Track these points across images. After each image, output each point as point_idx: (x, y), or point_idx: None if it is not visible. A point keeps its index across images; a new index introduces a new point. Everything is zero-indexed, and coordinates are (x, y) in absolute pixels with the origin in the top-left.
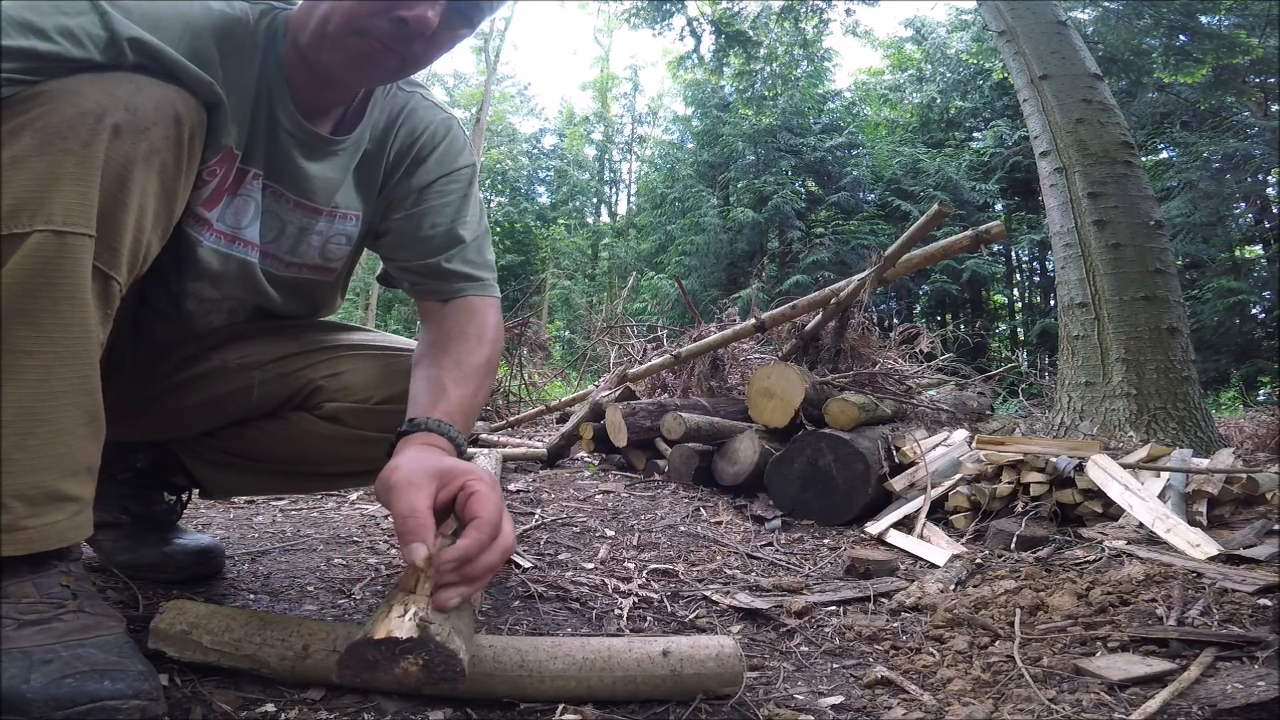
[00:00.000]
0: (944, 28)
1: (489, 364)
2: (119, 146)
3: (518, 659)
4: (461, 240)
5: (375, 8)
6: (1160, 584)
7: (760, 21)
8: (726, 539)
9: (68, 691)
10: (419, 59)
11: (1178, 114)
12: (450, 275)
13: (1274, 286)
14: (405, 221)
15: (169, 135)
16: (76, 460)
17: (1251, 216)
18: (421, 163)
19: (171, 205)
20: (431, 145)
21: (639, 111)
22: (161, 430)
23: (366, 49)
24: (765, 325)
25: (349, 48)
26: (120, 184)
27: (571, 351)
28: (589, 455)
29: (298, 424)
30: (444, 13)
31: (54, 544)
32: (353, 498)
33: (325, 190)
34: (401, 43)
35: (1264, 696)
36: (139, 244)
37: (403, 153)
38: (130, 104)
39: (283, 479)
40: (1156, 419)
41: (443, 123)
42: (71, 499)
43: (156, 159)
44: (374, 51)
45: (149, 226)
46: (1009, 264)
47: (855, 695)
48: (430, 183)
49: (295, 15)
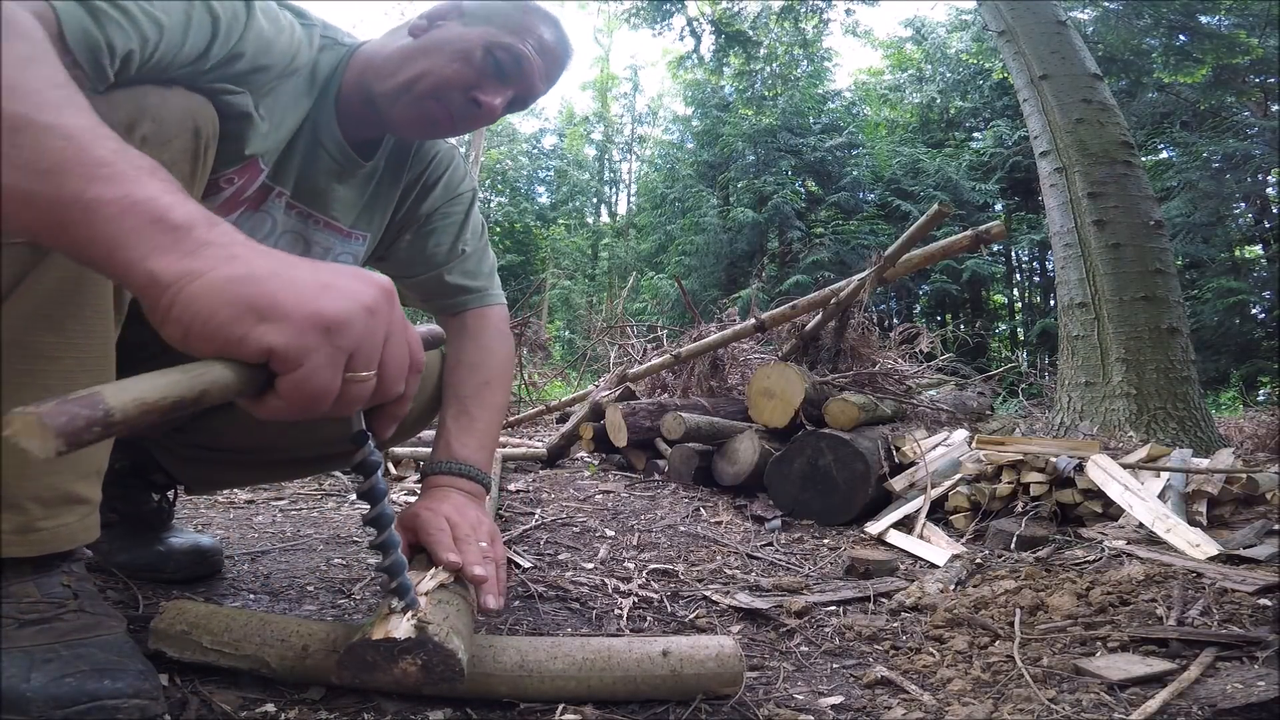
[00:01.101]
0: (944, 28)
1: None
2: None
3: (517, 659)
4: (461, 254)
5: (463, 83)
6: (1160, 584)
7: (760, 21)
8: (726, 539)
9: (68, 690)
10: (466, 131)
11: (1178, 114)
12: (452, 289)
13: (1274, 286)
14: (413, 242)
15: (187, 147)
16: (89, 463)
17: (1251, 216)
18: (430, 190)
19: None
20: (438, 174)
21: (639, 111)
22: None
23: (437, 115)
24: (765, 325)
25: (424, 109)
26: None
27: (571, 351)
28: (589, 455)
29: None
30: (507, 101)
31: (65, 545)
32: (352, 498)
33: (348, 212)
34: (466, 119)
35: (1264, 696)
36: None
37: (414, 180)
38: (157, 115)
39: (258, 469)
40: (1156, 419)
41: (447, 152)
42: (83, 501)
43: (174, 171)
44: (441, 119)
45: None
46: (1009, 264)
47: (855, 695)
48: (437, 208)
49: (368, 56)
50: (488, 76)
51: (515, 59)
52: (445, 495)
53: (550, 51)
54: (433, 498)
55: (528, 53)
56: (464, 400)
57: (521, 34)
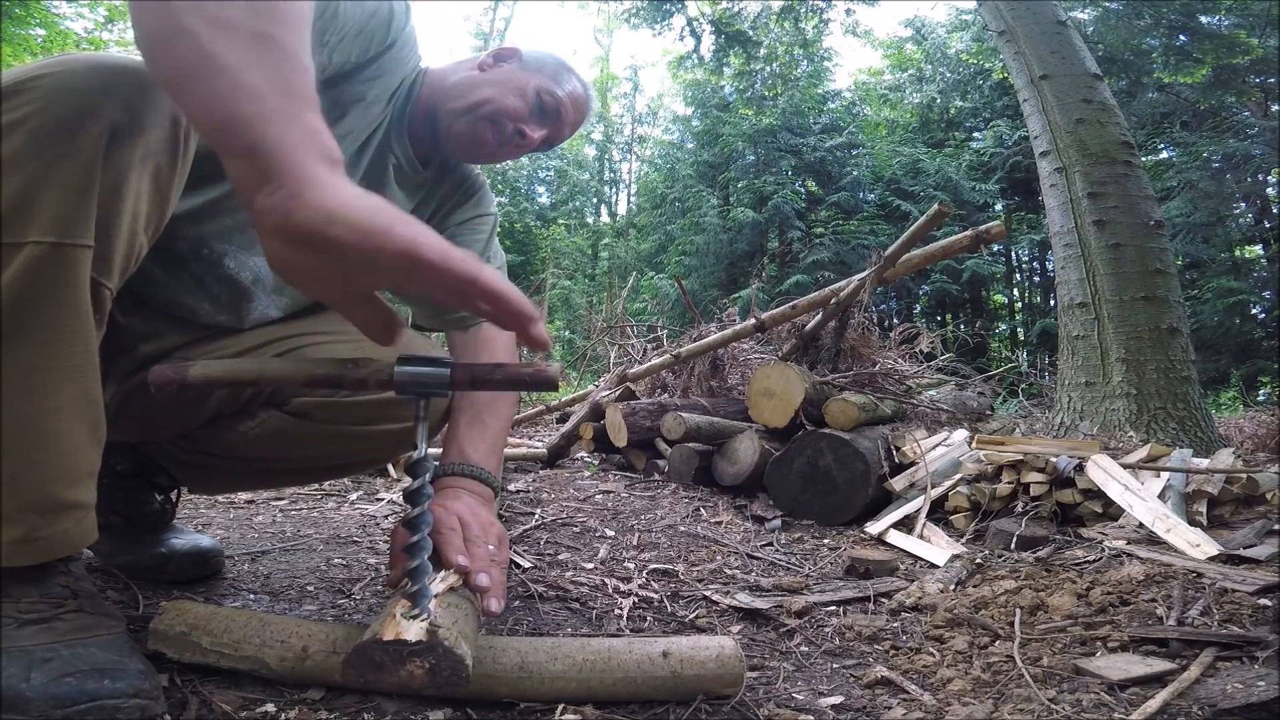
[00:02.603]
0: (944, 28)
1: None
2: (116, 152)
3: (518, 660)
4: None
5: (516, 115)
6: (1160, 584)
7: (760, 21)
8: (726, 539)
9: (68, 690)
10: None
11: (1178, 114)
12: None
13: (1274, 286)
14: None
15: (165, 137)
16: (81, 468)
17: (1251, 216)
18: (462, 204)
19: (164, 208)
20: (471, 191)
21: (639, 111)
22: (131, 433)
23: (486, 137)
24: (765, 325)
25: (479, 131)
26: (116, 191)
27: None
28: (589, 455)
29: (268, 422)
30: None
31: (65, 551)
32: (352, 498)
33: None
34: (507, 146)
35: (1264, 696)
36: (131, 249)
37: (450, 193)
38: (129, 103)
39: (265, 476)
40: (1156, 419)
41: (479, 175)
42: (78, 506)
43: (151, 162)
44: (489, 142)
45: (141, 231)
46: (1009, 264)
47: (855, 695)
48: (466, 219)
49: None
50: (534, 114)
51: (555, 103)
52: (458, 495)
53: (579, 104)
54: (446, 496)
55: (564, 100)
56: (478, 408)
57: (561, 84)
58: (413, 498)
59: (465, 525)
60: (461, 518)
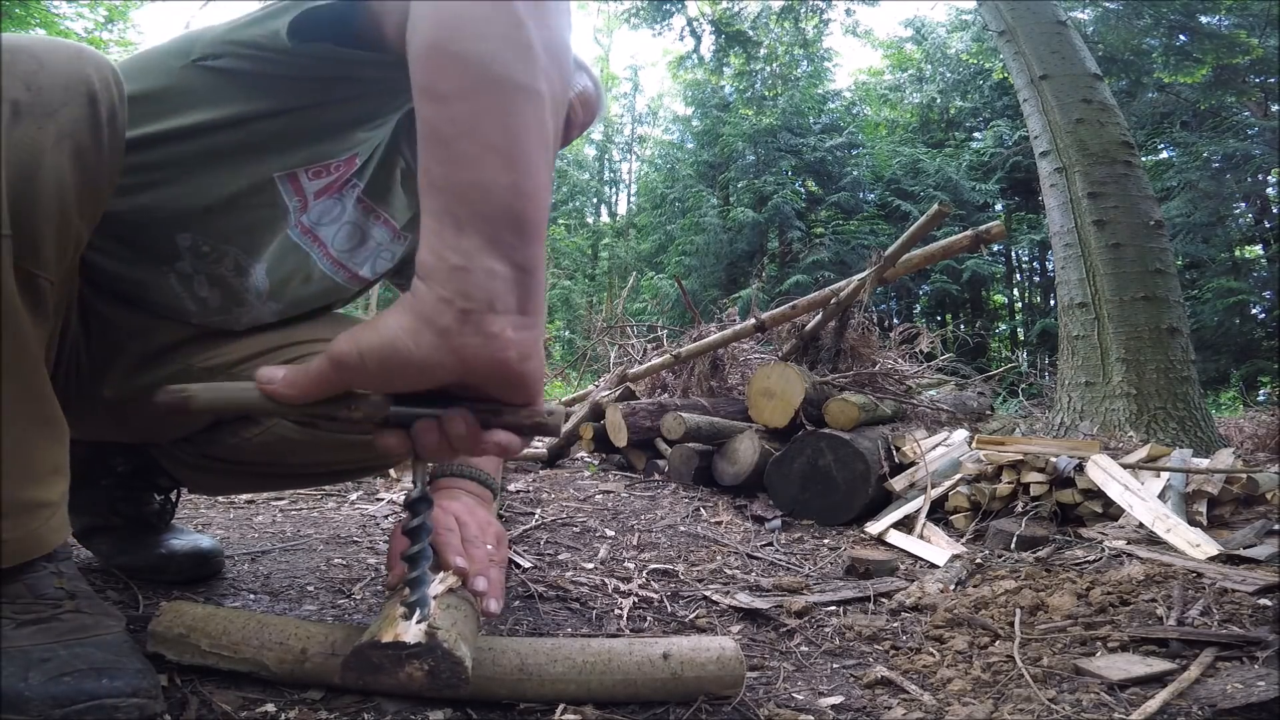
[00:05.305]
0: (944, 28)
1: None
2: (22, 131)
3: (517, 661)
4: None
5: None
6: (1160, 584)
7: (760, 21)
8: (726, 539)
9: (66, 690)
10: None
11: (1178, 114)
12: None
13: (1274, 286)
14: None
15: (81, 116)
16: (40, 467)
17: (1251, 216)
18: None
19: (98, 191)
20: None
21: (639, 111)
22: (132, 435)
23: None
24: (765, 325)
25: None
26: (29, 174)
27: (571, 351)
28: (589, 455)
29: (272, 428)
30: None
31: (36, 552)
32: (352, 498)
33: (402, 215)
34: None
35: (1264, 696)
36: (66, 236)
37: None
38: (32, 82)
39: (267, 479)
40: (1156, 419)
41: None
42: (44, 504)
43: (69, 143)
44: None
45: (75, 215)
46: (1009, 264)
47: (855, 695)
48: None
49: None
50: None
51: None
52: (455, 495)
53: (589, 104)
54: (443, 496)
55: (573, 102)
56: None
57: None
58: (414, 506)
59: (463, 525)
60: (459, 517)
